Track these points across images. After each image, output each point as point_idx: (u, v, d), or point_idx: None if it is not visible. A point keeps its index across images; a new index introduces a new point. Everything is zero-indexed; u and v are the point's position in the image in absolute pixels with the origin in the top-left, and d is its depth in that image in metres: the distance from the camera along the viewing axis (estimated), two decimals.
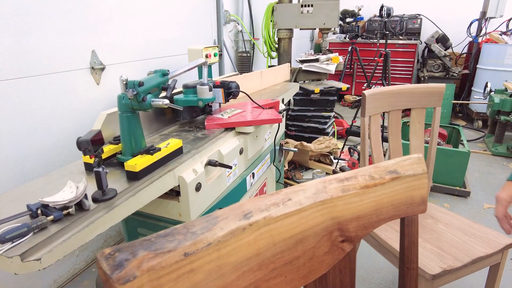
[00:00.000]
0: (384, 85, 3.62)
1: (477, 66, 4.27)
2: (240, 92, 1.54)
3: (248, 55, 3.16)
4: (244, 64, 3.17)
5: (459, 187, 2.58)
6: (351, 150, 3.00)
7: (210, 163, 1.22)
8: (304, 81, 3.27)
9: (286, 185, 2.66)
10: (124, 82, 0.97)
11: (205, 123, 1.41)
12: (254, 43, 3.21)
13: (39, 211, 0.77)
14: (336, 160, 2.84)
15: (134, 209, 0.92)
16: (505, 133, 3.45)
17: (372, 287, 1.75)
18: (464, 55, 4.85)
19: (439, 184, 2.59)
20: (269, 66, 3.37)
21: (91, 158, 0.86)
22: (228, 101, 1.53)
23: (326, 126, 3.18)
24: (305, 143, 2.78)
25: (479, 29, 4.38)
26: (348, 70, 4.84)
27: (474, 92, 4.33)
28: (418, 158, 0.56)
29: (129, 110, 1.01)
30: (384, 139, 2.79)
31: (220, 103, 1.59)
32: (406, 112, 4.84)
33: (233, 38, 3.11)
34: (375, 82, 4.22)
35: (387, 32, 4.29)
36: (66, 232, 0.76)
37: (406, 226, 0.58)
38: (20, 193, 0.90)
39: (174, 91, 1.56)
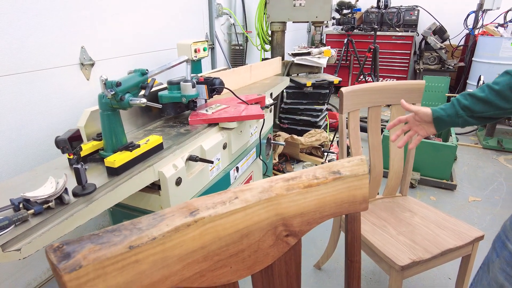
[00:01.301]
0: (372, 79, 3.65)
1: (473, 59, 4.28)
2: (224, 88, 1.58)
3: (241, 48, 3.18)
4: (237, 57, 3.20)
5: (446, 180, 2.63)
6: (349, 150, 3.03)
7: (191, 158, 1.27)
8: (297, 74, 3.29)
9: None
10: (104, 82, 1.01)
11: (189, 119, 1.46)
12: (247, 36, 3.23)
13: (21, 205, 0.83)
14: (326, 153, 2.89)
15: (113, 203, 0.97)
16: (496, 127, 3.48)
17: None
18: (461, 47, 4.84)
19: (427, 177, 2.64)
20: (263, 59, 3.40)
21: (69, 155, 0.92)
22: (212, 97, 1.57)
23: (318, 119, 3.22)
24: (295, 136, 2.83)
25: (476, 21, 4.36)
26: (344, 62, 4.85)
27: (469, 85, 4.34)
28: (361, 159, 0.61)
29: (109, 109, 1.06)
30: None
31: (205, 99, 1.64)
32: None
33: (225, 31, 3.13)
34: (367, 73, 4.23)
35: (376, 27, 4.27)
36: (46, 225, 0.81)
37: (349, 222, 0.63)
38: (5, 188, 0.95)
39: (161, 86, 1.61)
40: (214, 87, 1.53)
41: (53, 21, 1.58)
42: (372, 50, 3.29)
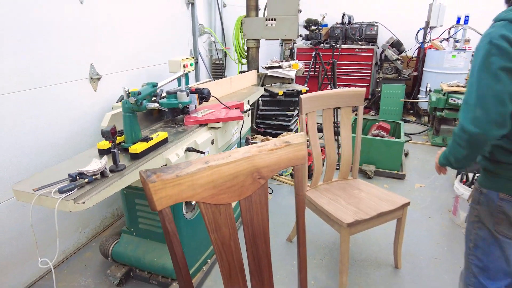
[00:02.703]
0: (331, 88, 4.17)
1: (423, 69, 4.90)
2: (211, 96, 2.00)
3: (221, 62, 3.61)
4: (218, 70, 3.62)
5: (397, 171, 3.13)
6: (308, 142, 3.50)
7: (188, 149, 1.67)
8: (271, 84, 3.75)
9: None
10: (127, 92, 1.40)
11: (184, 121, 1.86)
12: (226, 51, 3.66)
13: (77, 177, 1.20)
14: None
15: (137, 178, 1.36)
16: (442, 127, 4.06)
17: (317, 246, 2.24)
18: (415, 58, 5.48)
19: (381, 169, 3.14)
20: (240, 72, 3.84)
21: (110, 143, 1.30)
22: (201, 103, 1.98)
23: (290, 123, 3.67)
24: (270, 138, 3.26)
25: (425, 36, 5.01)
26: (313, 73, 5.37)
27: (421, 91, 4.96)
28: (301, 135, 1.04)
29: (130, 111, 1.44)
30: (337, 133, 3.32)
31: (195, 105, 2.04)
32: (365, 110, 5.43)
33: (207, 47, 3.55)
34: (330, 83, 4.75)
35: (333, 44, 4.82)
36: (96, 189, 1.19)
37: (296, 171, 1.05)
38: (59, 169, 1.32)
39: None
40: (203, 95, 1.93)
41: (68, 43, 1.95)
42: (331, 64, 3.82)
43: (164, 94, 1.81)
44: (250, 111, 2.49)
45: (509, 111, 1.01)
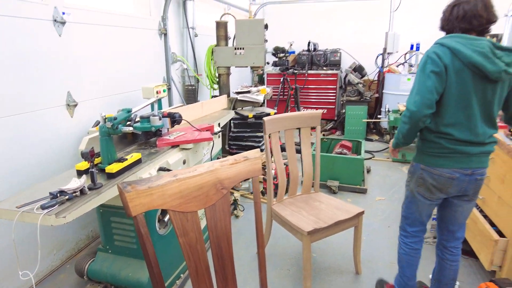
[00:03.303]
0: (297, 110, 4.47)
1: (383, 91, 5.32)
2: (182, 120, 2.17)
3: (194, 87, 3.81)
4: (190, 95, 3.81)
5: (359, 186, 3.37)
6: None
7: (161, 169, 1.82)
8: (242, 108, 3.97)
9: None
10: (104, 117, 1.55)
11: (157, 143, 2.01)
12: (198, 78, 3.87)
13: (58, 195, 1.32)
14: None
15: (113, 195, 1.49)
16: None
17: (285, 258, 2.40)
18: (376, 82, 5.92)
19: (344, 184, 3.37)
20: (212, 96, 4.04)
21: (88, 163, 1.43)
22: (173, 126, 2.15)
23: (260, 144, 3.88)
24: None
25: (383, 61, 5.46)
26: (282, 97, 5.67)
27: (382, 112, 5.35)
28: (256, 151, 1.23)
29: (107, 135, 1.59)
30: (298, 151, 3.54)
31: (168, 128, 2.20)
32: (332, 130, 5.75)
33: (180, 74, 3.75)
34: (294, 106, 5.04)
35: (295, 71, 5.18)
36: (76, 205, 1.31)
37: (254, 182, 1.23)
38: (39, 188, 1.43)
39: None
40: (175, 119, 2.10)
41: (47, 73, 2.09)
42: (293, 89, 4.14)
43: (138, 119, 1.96)
44: (221, 133, 2.67)
45: (435, 98, 1.48)
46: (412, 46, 5.38)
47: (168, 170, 1.86)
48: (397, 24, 5.67)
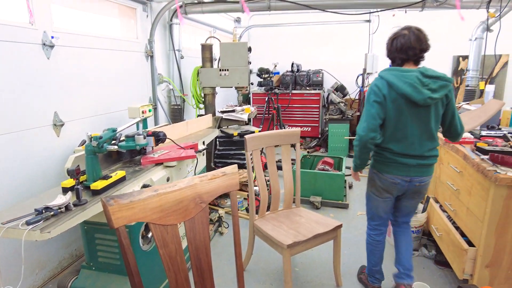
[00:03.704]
0: (278, 129, 4.63)
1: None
2: (167, 138, 2.25)
3: (179, 107, 3.91)
4: (176, 114, 3.90)
5: (341, 201, 3.47)
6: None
7: (144, 186, 1.88)
8: (227, 126, 4.07)
9: (210, 210, 3.34)
10: (90, 136, 1.63)
11: (141, 161, 2.08)
12: (184, 98, 3.98)
13: (43, 211, 1.37)
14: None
15: (97, 211, 1.54)
16: None
17: (268, 273, 2.44)
18: (357, 100, 6.13)
19: (327, 200, 3.47)
20: (198, 115, 4.14)
21: (74, 180, 1.49)
22: (157, 145, 2.22)
23: (245, 162, 3.96)
24: None
25: (363, 81, 5.69)
26: (268, 115, 5.82)
27: None
28: (234, 166, 1.32)
29: (92, 153, 1.65)
30: (279, 167, 3.63)
31: (152, 147, 2.27)
32: (316, 147, 5.89)
33: (166, 94, 3.86)
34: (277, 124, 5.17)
35: (277, 92, 5.36)
36: (61, 220, 1.36)
37: (231, 195, 1.31)
38: (25, 205, 1.48)
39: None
40: (159, 138, 2.18)
41: (35, 94, 2.15)
42: (275, 109, 4.29)
43: (123, 138, 2.03)
44: (206, 151, 2.75)
45: (378, 123, 1.79)
46: (390, 66, 5.63)
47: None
48: (375, 46, 5.95)
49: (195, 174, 2.51)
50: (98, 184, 1.59)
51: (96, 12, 2.95)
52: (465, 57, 5.84)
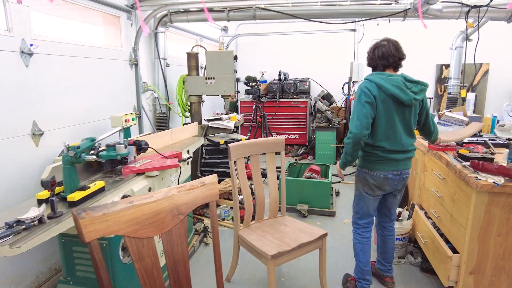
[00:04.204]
0: (265, 137, 4.62)
1: (350, 117, 5.55)
2: (149, 147, 2.21)
3: (165, 115, 3.87)
4: (162, 123, 3.86)
5: (327, 209, 3.46)
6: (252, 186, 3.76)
7: (125, 197, 1.83)
8: (214, 135, 4.04)
9: (196, 220, 3.28)
10: (67, 146, 1.58)
11: (122, 171, 2.03)
12: (169, 106, 3.94)
13: (14, 224, 1.32)
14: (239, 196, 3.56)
15: (73, 224, 1.48)
16: None
17: (253, 284, 2.40)
18: (344, 108, 6.18)
19: (313, 208, 3.45)
20: (184, 124, 4.10)
21: (49, 191, 1.44)
22: (139, 154, 2.18)
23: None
24: None
25: (349, 89, 5.75)
26: (255, 123, 5.81)
27: None
28: (214, 176, 1.29)
29: (69, 164, 1.61)
30: (264, 175, 3.61)
31: (134, 156, 2.22)
32: (304, 155, 5.90)
33: (151, 102, 3.81)
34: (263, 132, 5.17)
35: (262, 99, 5.37)
36: (33, 234, 1.31)
37: (211, 206, 1.28)
38: None
39: (100, 148, 2.17)
40: (140, 147, 2.14)
41: (12, 103, 2.09)
42: (261, 117, 4.29)
43: (102, 147, 1.99)
44: (191, 160, 2.71)
45: (370, 121, 1.92)
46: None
47: None
48: (361, 55, 6.02)
49: (178, 184, 2.47)
50: (75, 196, 1.54)
51: (80, 20, 2.92)
52: (448, 66, 5.97)
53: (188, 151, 2.84)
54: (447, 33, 5.16)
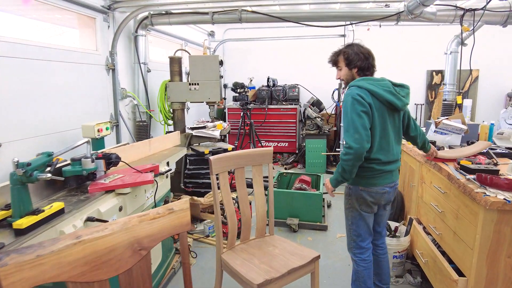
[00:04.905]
0: (251, 147, 4.42)
1: (341, 124, 5.39)
2: (120, 161, 1.97)
3: (145, 124, 3.63)
4: (142, 132, 3.62)
5: (319, 223, 3.26)
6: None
7: (89, 219, 1.59)
8: (199, 144, 3.82)
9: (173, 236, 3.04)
10: (16, 163, 1.34)
11: (88, 188, 1.79)
12: (150, 114, 3.70)
13: None
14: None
15: None
16: None
17: None
18: (334, 115, 6.03)
19: (304, 222, 3.24)
20: (167, 132, 3.87)
21: None
22: (109, 169, 1.94)
23: (218, 181, 3.69)
24: (195, 198, 3.24)
25: (339, 96, 5.60)
26: (243, 131, 5.60)
27: (340, 145, 5.39)
28: (185, 200, 1.07)
29: (19, 183, 1.36)
30: (249, 185, 3.40)
31: (105, 171, 1.98)
32: (294, 163, 5.71)
33: (130, 110, 3.57)
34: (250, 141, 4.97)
35: (249, 107, 5.17)
36: None
37: (181, 238, 1.06)
38: None
39: (65, 162, 1.92)
40: (110, 160, 1.90)
41: None
42: (248, 125, 4.09)
43: (67, 162, 1.75)
44: (169, 173, 2.47)
45: (369, 133, 1.73)
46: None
47: (98, 220, 1.64)
48: None
49: (155, 201, 2.23)
50: (23, 222, 1.30)
51: (52, 22, 2.68)
52: (438, 72, 5.89)
53: (168, 163, 2.61)
54: (438, 39, 5.07)
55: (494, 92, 5.87)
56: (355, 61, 1.87)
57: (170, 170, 2.49)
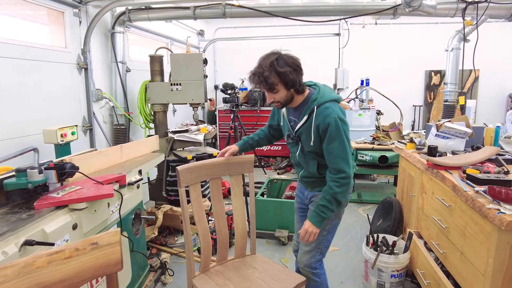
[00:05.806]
0: None
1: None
2: (77, 171, 1.71)
3: (124, 127, 3.36)
4: (120, 135, 3.35)
5: None
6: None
7: (27, 243, 1.32)
8: (183, 148, 3.55)
9: (150, 251, 2.77)
10: None
11: (35, 204, 1.52)
12: (128, 117, 3.44)
13: None
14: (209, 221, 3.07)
15: None
16: (356, 182, 4.15)
17: None
18: None
19: (293, 233, 2.97)
20: (148, 135, 3.60)
21: None
22: (63, 180, 1.68)
23: (203, 189, 3.44)
24: (175, 208, 2.97)
25: None
26: (234, 134, 5.34)
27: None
28: (115, 231, 0.81)
29: None
30: (246, 193, 3.13)
31: (61, 183, 1.72)
32: (287, 168, 5.45)
33: (107, 113, 3.30)
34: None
35: (234, 109, 4.91)
36: None
37: (109, 281, 0.80)
38: None
39: (8, 174, 1.66)
40: (64, 171, 1.64)
41: None
42: (232, 128, 3.85)
43: (5, 174, 1.48)
44: (139, 183, 2.21)
45: None
46: (362, 82, 5.34)
47: (41, 243, 1.37)
48: (346, 60, 5.67)
49: (120, 216, 1.97)
50: None
51: (15, 16, 2.42)
52: (437, 72, 5.66)
53: (140, 172, 2.34)
54: (437, 38, 4.84)
55: (495, 93, 5.65)
56: (297, 78, 1.65)
57: (141, 179, 2.23)
